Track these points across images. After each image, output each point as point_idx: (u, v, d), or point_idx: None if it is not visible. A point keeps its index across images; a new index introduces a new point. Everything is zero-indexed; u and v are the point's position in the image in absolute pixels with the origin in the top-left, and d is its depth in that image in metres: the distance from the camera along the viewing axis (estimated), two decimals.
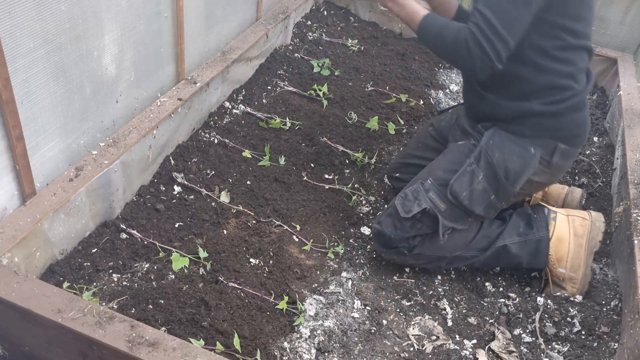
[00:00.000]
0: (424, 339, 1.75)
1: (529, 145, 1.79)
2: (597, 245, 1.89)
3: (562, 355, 1.73)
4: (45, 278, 1.67)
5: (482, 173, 1.79)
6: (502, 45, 1.61)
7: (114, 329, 1.31)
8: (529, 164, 1.79)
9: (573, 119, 1.80)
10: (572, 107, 1.78)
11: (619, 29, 3.42)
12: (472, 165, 1.80)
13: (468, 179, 1.80)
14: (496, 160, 1.78)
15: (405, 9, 1.80)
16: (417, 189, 1.86)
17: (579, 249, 1.88)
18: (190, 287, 1.72)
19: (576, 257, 1.88)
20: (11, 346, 1.50)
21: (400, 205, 1.84)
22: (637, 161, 2.28)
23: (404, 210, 1.83)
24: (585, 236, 1.89)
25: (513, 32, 1.61)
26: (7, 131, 1.50)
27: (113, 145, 1.92)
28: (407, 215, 1.82)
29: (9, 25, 1.41)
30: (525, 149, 1.79)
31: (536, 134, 1.79)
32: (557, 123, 1.78)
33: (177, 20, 2.16)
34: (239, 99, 2.70)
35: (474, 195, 1.80)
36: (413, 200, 1.84)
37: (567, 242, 1.89)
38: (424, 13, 1.78)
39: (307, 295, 1.80)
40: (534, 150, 1.79)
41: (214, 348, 1.52)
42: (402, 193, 1.88)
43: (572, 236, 1.89)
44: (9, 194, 1.60)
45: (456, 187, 1.80)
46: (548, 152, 1.80)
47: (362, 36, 3.48)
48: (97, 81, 1.83)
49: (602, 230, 1.90)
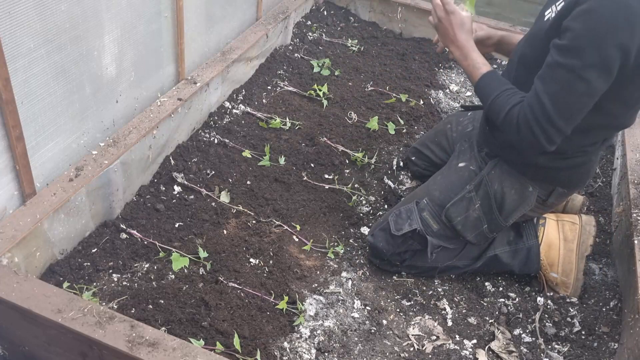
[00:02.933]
0: (424, 339, 1.75)
1: (528, 183, 1.79)
2: (589, 249, 1.89)
3: (562, 355, 1.73)
4: (45, 278, 1.67)
5: (479, 202, 1.80)
6: (555, 132, 1.52)
7: (114, 329, 1.31)
8: (526, 201, 1.80)
9: (577, 172, 1.78)
10: (580, 164, 1.75)
11: None
12: (470, 193, 1.81)
13: (465, 205, 1.81)
14: (494, 192, 1.79)
15: (467, 59, 1.73)
16: (411, 208, 1.88)
17: (569, 254, 1.88)
18: (190, 287, 1.72)
19: (567, 261, 1.88)
20: (11, 346, 1.50)
21: (393, 222, 1.87)
22: (637, 161, 2.28)
23: (395, 227, 1.86)
24: (575, 240, 1.89)
25: (571, 121, 1.51)
26: (7, 131, 1.50)
27: (113, 145, 1.92)
28: (398, 233, 1.85)
29: (9, 25, 1.41)
30: (524, 186, 1.79)
31: (537, 178, 1.79)
32: (560, 174, 1.77)
33: (177, 20, 2.16)
34: (239, 99, 2.70)
35: (468, 221, 1.82)
36: (405, 218, 1.86)
37: (558, 247, 1.90)
38: (484, 70, 1.69)
39: (307, 295, 1.80)
40: (532, 188, 1.79)
41: (214, 348, 1.52)
42: (396, 210, 1.91)
43: (562, 241, 1.90)
44: (9, 194, 1.60)
45: (452, 212, 1.81)
46: (546, 193, 1.81)
47: (362, 36, 3.48)
48: (97, 81, 1.83)
49: (592, 234, 1.90)
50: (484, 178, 1.80)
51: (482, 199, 1.80)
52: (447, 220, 1.82)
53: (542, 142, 1.53)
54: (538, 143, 1.54)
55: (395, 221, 1.87)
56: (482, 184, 1.80)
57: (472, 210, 1.81)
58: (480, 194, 1.80)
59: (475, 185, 1.81)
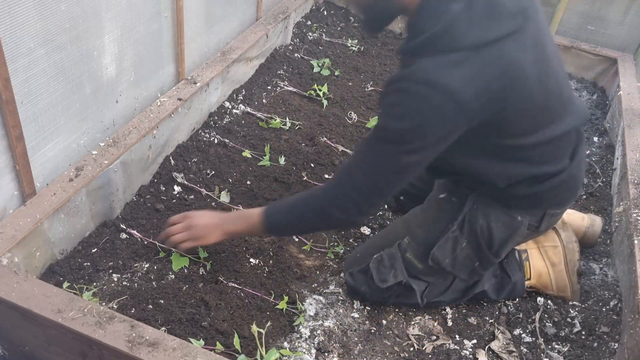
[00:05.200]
0: (424, 339, 1.75)
1: (516, 213, 1.64)
2: (577, 264, 1.87)
3: (562, 355, 1.73)
4: (45, 278, 1.67)
5: (465, 240, 1.66)
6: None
7: (114, 329, 1.31)
8: (516, 232, 1.65)
9: (563, 188, 1.63)
10: (562, 180, 1.59)
11: (619, 28, 3.42)
12: (455, 232, 1.66)
13: (451, 245, 1.67)
14: (480, 228, 1.64)
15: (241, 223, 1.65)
16: (394, 254, 1.73)
17: (560, 275, 1.87)
18: (190, 287, 1.72)
19: (560, 280, 1.87)
20: (11, 346, 1.50)
21: (375, 270, 1.72)
22: (637, 161, 2.28)
23: (379, 278, 1.71)
24: (562, 262, 1.86)
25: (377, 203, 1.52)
26: (7, 131, 1.50)
27: (113, 145, 1.92)
28: (383, 285, 1.71)
29: (9, 25, 1.41)
30: (512, 217, 1.64)
31: (522, 206, 1.64)
32: (545, 196, 1.62)
33: (177, 20, 2.16)
34: (239, 99, 2.70)
35: (458, 262, 1.69)
36: (389, 267, 1.72)
37: (547, 273, 1.88)
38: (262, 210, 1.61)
39: (307, 295, 1.80)
40: (521, 217, 1.64)
41: (214, 348, 1.52)
42: (378, 256, 1.74)
43: (550, 267, 1.87)
44: (8, 194, 1.59)
45: (438, 255, 1.67)
46: (537, 219, 1.67)
47: (362, 36, 3.48)
48: (97, 81, 1.83)
49: (577, 250, 1.87)
50: (466, 215, 1.65)
51: (468, 237, 1.65)
52: (435, 263, 1.69)
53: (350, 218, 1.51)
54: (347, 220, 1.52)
55: (378, 269, 1.72)
56: (466, 221, 1.65)
57: (460, 250, 1.67)
58: (465, 232, 1.65)
59: (459, 224, 1.65)
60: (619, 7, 3.37)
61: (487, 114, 1.36)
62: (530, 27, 1.37)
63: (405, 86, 1.32)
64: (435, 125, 1.33)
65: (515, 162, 1.52)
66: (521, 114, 1.42)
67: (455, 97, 1.28)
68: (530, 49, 1.37)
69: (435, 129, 1.34)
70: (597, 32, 3.47)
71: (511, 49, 1.33)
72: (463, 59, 1.29)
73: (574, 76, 3.43)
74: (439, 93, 1.28)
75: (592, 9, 3.43)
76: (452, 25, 1.30)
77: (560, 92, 1.50)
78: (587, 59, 3.40)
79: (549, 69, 1.44)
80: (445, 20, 1.30)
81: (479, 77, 1.30)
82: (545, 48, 1.43)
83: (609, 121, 2.94)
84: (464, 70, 1.29)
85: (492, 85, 1.32)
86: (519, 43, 1.34)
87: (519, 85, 1.36)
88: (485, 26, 1.30)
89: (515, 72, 1.34)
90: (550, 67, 1.45)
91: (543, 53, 1.42)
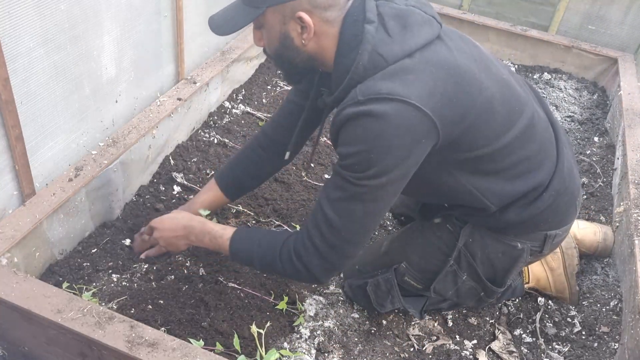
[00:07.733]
0: (424, 339, 1.74)
1: (514, 240, 1.56)
2: (576, 268, 1.88)
3: (562, 355, 1.72)
4: (45, 278, 1.66)
5: (465, 274, 1.61)
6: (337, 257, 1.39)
7: (113, 329, 1.31)
8: (518, 260, 1.58)
9: (560, 206, 1.54)
10: (551, 201, 1.50)
11: (619, 28, 3.42)
12: (453, 267, 1.60)
13: (451, 279, 1.62)
14: (479, 261, 1.58)
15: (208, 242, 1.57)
16: (391, 280, 1.66)
17: (559, 278, 1.88)
18: (190, 287, 1.72)
19: (559, 283, 1.88)
20: (11, 346, 1.50)
21: (373, 294, 1.69)
22: (637, 161, 2.28)
23: (377, 301, 1.69)
24: (560, 266, 1.87)
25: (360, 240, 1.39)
26: (6, 131, 1.50)
27: (112, 145, 1.91)
28: (381, 310, 1.70)
29: (8, 25, 1.41)
30: (511, 246, 1.56)
31: (521, 232, 1.56)
32: (542, 218, 1.52)
33: (177, 19, 2.16)
34: (239, 98, 2.69)
35: (462, 292, 1.65)
36: (386, 292, 1.68)
37: (546, 277, 1.89)
38: (230, 233, 1.53)
39: (307, 295, 1.79)
40: (521, 245, 1.56)
41: (214, 348, 1.52)
42: (374, 280, 1.68)
43: (549, 272, 1.88)
44: (8, 194, 1.59)
45: (440, 289, 1.64)
46: (539, 243, 1.58)
47: None
48: (97, 81, 1.83)
49: (576, 256, 1.88)
50: (462, 250, 1.58)
51: (468, 270, 1.60)
52: (438, 295, 1.65)
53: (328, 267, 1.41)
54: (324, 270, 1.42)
55: (375, 292, 1.69)
56: (462, 255, 1.58)
57: (462, 283, 1.62)
58: (463, 266, 1.60)
59: (455, 259, 1.59)
60: (620, 7, 3.37)
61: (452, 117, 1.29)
62: (445, 32, 1.37)
63: (354, 111, 1.24)
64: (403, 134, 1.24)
65: (494, 176, 1.44)
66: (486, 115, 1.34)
67: (410, 102, 1.23)
68: (457, 50, 1.34)
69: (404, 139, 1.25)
70: (598, 32, 3.47)
71: (442, 50, 1.31)
72: (400, 69, 1.25)
73: (575, 76, 3.43)
74: (396, 103, 1.22)
75: (592, 9, 3.43)
76: (376, 45, 1.27)
77: (510, 85, 1.43)
78: (587, 58, 3.39)
79: (489, 62, 1.41)
80: (367, 42, 1.27)
81: (425, 79, 1.26)
82: (473, 48, 1.41)
83: (609, 121, 2.94)
84: (408, 77, 1.25)
85: (439, 86, 1.27)
86: (445, 46, 1.33)
87: (468, 80, 1.31)
88: (408, 37, 1.28)
89: (457, 70, 1.30)
90: (488, 61, 1.42)
91: (472, 52, 1.39)
